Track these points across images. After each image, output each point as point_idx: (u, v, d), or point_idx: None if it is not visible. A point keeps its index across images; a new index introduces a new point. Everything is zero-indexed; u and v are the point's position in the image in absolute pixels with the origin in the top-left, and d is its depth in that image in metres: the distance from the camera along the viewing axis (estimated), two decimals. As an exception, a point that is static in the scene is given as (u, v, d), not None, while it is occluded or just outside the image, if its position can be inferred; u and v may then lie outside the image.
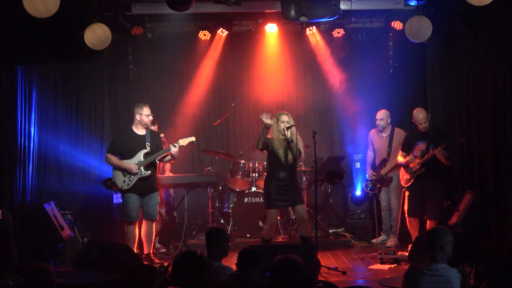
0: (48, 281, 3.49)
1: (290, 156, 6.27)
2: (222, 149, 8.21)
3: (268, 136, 6.29)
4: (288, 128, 6.17)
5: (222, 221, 7.86)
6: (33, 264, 3.56)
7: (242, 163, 7.94)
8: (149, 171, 6.39)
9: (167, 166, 7.66)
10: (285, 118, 6.25)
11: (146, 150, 6.41)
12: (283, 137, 6.22)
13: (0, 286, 3.94)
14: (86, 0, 6.51)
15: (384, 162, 7.51)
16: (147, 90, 8.57)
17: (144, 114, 6.44)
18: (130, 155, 6.39)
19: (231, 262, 5.06)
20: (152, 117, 6.68)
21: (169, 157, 6.56)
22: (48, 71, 7.64)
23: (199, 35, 8.27)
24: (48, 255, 6.15)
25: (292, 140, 6.20)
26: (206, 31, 8.20)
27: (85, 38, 6.25)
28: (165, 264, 6.03)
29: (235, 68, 8.80)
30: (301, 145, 6.34)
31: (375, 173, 7.56)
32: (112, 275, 5.05)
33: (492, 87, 6.30)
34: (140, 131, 6.49)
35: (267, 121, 6.22)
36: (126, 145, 6.42)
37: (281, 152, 6.23)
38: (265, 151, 6.47)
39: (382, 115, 7.55)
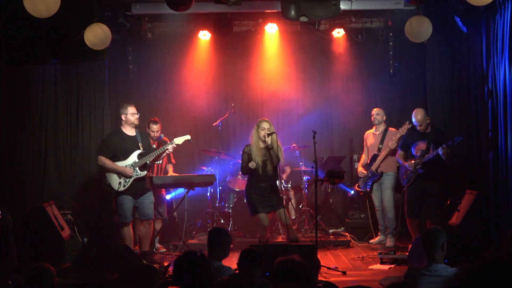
0: (48, 281, 3.49)
1: (269, 167, 6.29)
2: (222, 149, 8.21)
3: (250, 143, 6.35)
4: (269, 135, 6.19)
5: (222, 221, 7.86)
6: (34, 264, 3.57)
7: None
8: (145, 171, 6.38)
9: (170, 167, 7.66)
10: (265, 125, 6.27)
11: (140, 151, 6.39)
12: (264, 145, 6.24)
13: (0, 286, 3.94)
14: (86, 0, 6.51)
15: (374, 158, 7.49)
16: (147, 90, 8.58)
17: (130, 113, 6.40)
18: (124, 156, 6.36)
19: (231, 262, 5.07)
20: (155, 116, 6.67)
21: (163, 154, 6.55)
22: (48, 71, 7.64)
23: (199, 35, 8.27)
24: (48, 255, 6.14)
25: (272, 147, 6.21)
26: (206, 31, 8.20)
27: (85, 38, 6.25)
28: (165, 264, 6.07)
29: (235, 68, 8.80)
30: (281, 153, 6.35)
31: (365, 171, 7.56)
32: (112, 275, 5.05)
33: (492, 87, 6.31)
34: (130, 131, 6.45)
35: (253, 166, 6.21)
36: (119, 146, 6.37)
37: (259, 161, 6.25)
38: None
39: (378, 110, 7.59)
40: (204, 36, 8.32)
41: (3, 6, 6.21)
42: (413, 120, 6.84)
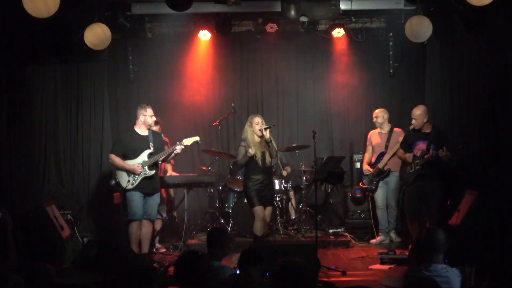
0: (48, 281, 3.49)
1: (268, 159, 6.43)
2: (222, 149, 8.21)
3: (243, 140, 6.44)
4: (266, 129, 6.33)
5: (222, 221, 7.86)
6: (34, 264, 3.57)
7: (242, 163, 7.94)
8: (153, 171, 6.42)
9: (169, 166, 7.66)
10: (258, 119, 6.43)
11: (150, 150, 6.43)
12: (259, 139, 6.40)
13: (0, 286, 3.94)
14: (86, 0, 6.51)
15: (382, 155, 7.53)
16: (147, 90, 8.57)
17: (148, 115, 6.47)
18: (134, 155, 6.41)
19: (231, 262, 5.08)
20: (155, 117, 6.69)
21: (172, 155, 6.59)
22: (48, 71, 7.63)
23: (199, 35, 8.28)
24: (48, 255, 6.15)
25: (270, 141, 6.37)
26: (206, 31, 8.20)
27: (85, 38, 6.25)
28: (165, 264, 6.07)
29: (235, 68, 8.80)
30: (275, 144, 6.50)
31: (371, 169, 7.56)
32: (112, 275, 5.06)
33: (492, 87, 6.31)
34: (142, 131, 6.50)
35: (252, 151, 6.32)
36: (130, 145, 6.44)
37: (258, 155, 6.37)
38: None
39: (377, 113, 7.63)
40: (204, 36, 8.32)
41: (3, 6, 6.21)
42: (412, 113, 6.83)
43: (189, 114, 8.71)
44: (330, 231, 7.92)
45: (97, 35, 6.25)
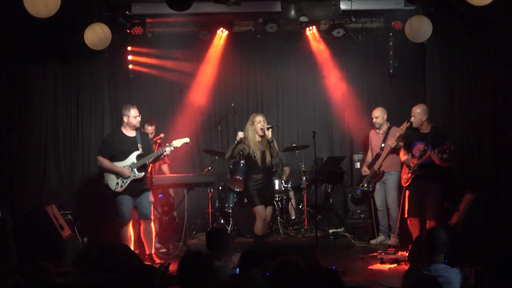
0: (48, 281, 3.49)
1: (268, 159, 6.45)
2: (222, 149, 8.20)
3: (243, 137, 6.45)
4: (268, 129, 6.34)
5: (222, 221, 7.86)
6: (33, 264, 3.57)
7: (242, 163, 7.94)
8: (143, 173, 6.34)
9: (165, 167, 7.65)
10: (260, 118, 6.44)
11: (139, 152, 6.36)
12: (260, 138, 6.42)
13: (0, 286, 3.94)
14: (86, 0, 6.51)
15: (377, 156, 7.48)
16: (147, 90, 8.57)
17: (132, 116, 6.35)
18: (122, 157, 6.33)
19: (231, 262, 5.07)
20: (151, 117, 6.68)
21: (162, 156, 6.55)
22: (48, 71, 7.63)
23: (199, 35, 8.27)
24: (48, 255, 6.15)
25: (272, 140, 6.38)
26: (206, 31, 8.20)
27: (85, 38, 6.25)
28: (165, 264, 6.06)
29: (235, 68, 8.80)
30: (276, 144, 6.53)
31: (369, 170, 7.55)
32: (112, 275, 5.05)
33: (492, 87, 6.31)
34: (130, 132, 6.42)
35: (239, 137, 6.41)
36: (118, 147, 6.34)
37: (258, 155, 6.40)
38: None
39: (377, 113, 7.53)
40: (204, 36, 8.31)
41: (3, 6, 6.21)
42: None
43: (189, 114, 8.70)
44: (330, 231, 7.91)
45: (97, 35, 6.25)
